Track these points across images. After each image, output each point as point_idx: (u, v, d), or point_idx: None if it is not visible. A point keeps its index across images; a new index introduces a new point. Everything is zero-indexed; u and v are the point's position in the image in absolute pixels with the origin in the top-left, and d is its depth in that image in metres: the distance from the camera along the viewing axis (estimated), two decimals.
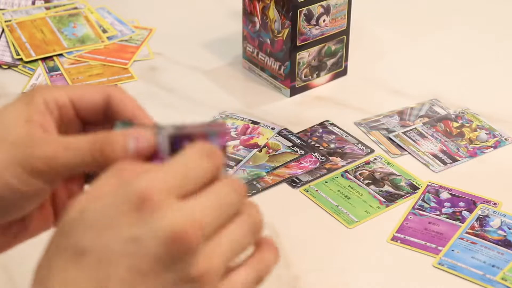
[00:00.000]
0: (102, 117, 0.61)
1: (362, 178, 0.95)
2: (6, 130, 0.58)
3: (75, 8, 1.24)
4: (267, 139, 1.00)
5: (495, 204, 0.91)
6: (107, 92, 0.61)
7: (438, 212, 0.90)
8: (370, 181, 0.94)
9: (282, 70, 1.07)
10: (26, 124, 0.58)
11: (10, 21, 1.20)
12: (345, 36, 1.09)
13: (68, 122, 0.61)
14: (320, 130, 1.02)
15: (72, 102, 0.60)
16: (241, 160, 0.97)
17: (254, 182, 0.94)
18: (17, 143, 0.57)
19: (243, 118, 1.03)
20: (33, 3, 1.25)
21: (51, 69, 1.12)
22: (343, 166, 0.97)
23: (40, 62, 1.14)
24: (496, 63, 1.16)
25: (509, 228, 0.87)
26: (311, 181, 0.94)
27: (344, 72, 1.12)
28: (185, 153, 0.53)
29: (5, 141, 0.57)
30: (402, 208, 0.91)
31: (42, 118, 0.59)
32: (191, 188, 0.52)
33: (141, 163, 0.55)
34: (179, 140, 0.57)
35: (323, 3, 1.04)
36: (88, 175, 0.63)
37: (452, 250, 0.85)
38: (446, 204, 0.91)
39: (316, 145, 1.00)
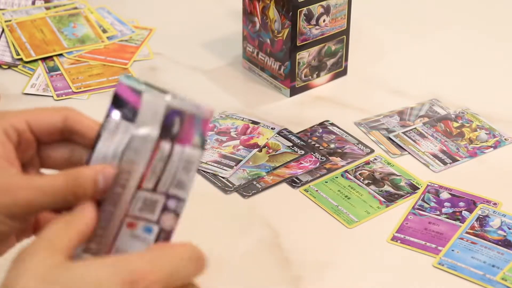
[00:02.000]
0: (58, 137, 0.66)
1: (362, 178, 0.95)
2: None
3: (75, 8, 1.24)
4: (267, 139, 1.00)
5: (495, 204, 0.91)
6: (65, 113, 0.65)
7: (438, 212, 0.90)
8: (370, 181, 0.94)
9: (282, 70, 1.07)
10: None
11: (10, 21, 1.20)
12: (345, 36, 1.09)
13: (26, 145, 0.64)
14: (320, 130, 1.02)
15: (30, 125, 0.64)
16: (241, 160, 0.97)
17: (254, 182, 0.94)
18: None
19: (243, 118, 1.03)
20: (33, 3, 1.25)
21: (51, 69, 1.12)
22: (343, 166, 0.97)
23: (40, 62, 1.14)
24: (496, 63, 1.16)
25: (509, 228, 0.87)
26: (311, 181, 0.94)
27: (344, 72, 1.12)
28: (178, 251, 0.59)
29: None
30: (402, 208, 0.91)
31: (3, 149, 0.62)
32: (172, 286, 0.57)
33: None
34: (171, 113, 0.60)
35: (323, 3, 1.04)
36: None
37: (452, 250, 0.85)
38: (446, 204, 0.91)
39: (316, 145, 1.00)
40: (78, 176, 0.61)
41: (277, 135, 1.01)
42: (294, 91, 1.08)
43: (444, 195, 0.92)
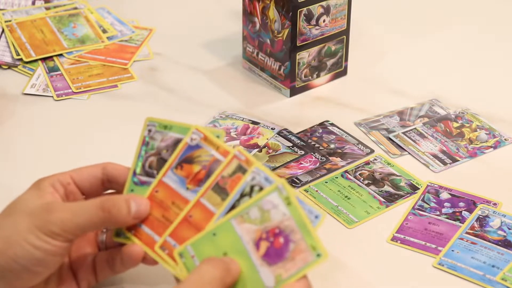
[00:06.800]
0: (100, 188, 0.76)
1: (362, 179, 0.95)
2: (23, 206, 0.71)
3: (75, 8, 1.24)
4: (267, 139, 1.00)
5: (495, 204, 0.91)
6: (103, 165, 0.76)
7: (438, 212, 0.90)
8: (370, 181, 0.94)
9: (282, 70, 1.07)
10: (39, 198, 0.71)
11: (10, 21, 1.20)
12: (345, 36, 1.09)
13: (73, 196, 0.75)
14: (320, 130, 1.02)
15: (73, 179, 0.75)
16: None
17: None
18: (35, 212, 0.69)
19: (243, 118, 1.03)
20: (33, 3, 1.25)
21: (51, 69, 1.12)
22: (343, 166, 0.97)
23: (40, 62, 1.14)
24: (496, 63, 1.16)
25: (509, 228, 0.87)
26: (311, 181, 0.94)
27: (344, 72, 1.12)
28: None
29: (23, 214, 0.70)
30: (402, 208, 0.91)
31: (51, 196, 0.72)
32: None
33: None
34: None
35: (323, 3, 1.04)
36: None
37: (452, 251, 0.85)
38: (446, 204, 0.91)
39: (316, 145, 1.00)
40: (113, 197, 0.71)
41: (277, 135, 1.01)
42: (294, 91, 1.08)
43: (444, 195, 0.92)
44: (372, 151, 0.99)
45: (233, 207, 0.70)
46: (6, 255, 0.68)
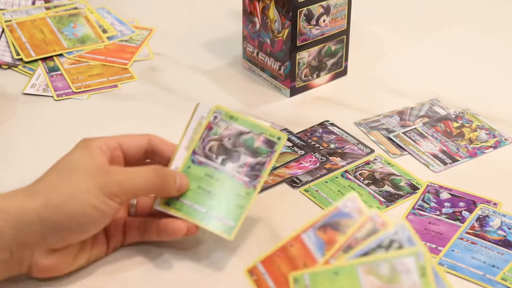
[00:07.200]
0: (142, 157, 0.81)
1: (362, 178, 0.95)
2: (79, 166, 0.75)
3: (75, 8, 1.24)
4: None
5: (495, 204, 0.91)
6: (148, 136, 0.81)
7: (438, 212, 0.90)
8: (370, 181, 0.94)
9: (282, 70, 1.07)
10: (91, 159, 0.75)
11: (10, 21, 1.20)
12: (345, 36, 1.09)
13: (117, 161, 0.79)
14: (320, 130, 1.02)
15: (120, 144, 0.79)
16: None
17: None
18: (94, 173, 0.74)
19: None
20: (33, 3, 1.25)
21: (51, 69, 1.12)
22: (343, 166, 0.97)
23: (40, 62, 1.14)
24: (496, 63, 1.16)
25: (509, 228, 0.87)
26: (311, 181, 0.94)
27: (344, 72, 1.12)
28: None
29: (81, 173, 0.74)
30: (402, 208, 0.91)
31: (99, 158, 0.76)
32: None
33: None
34: None
35: (323, 3, 1.04)
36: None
37: (452, 250, 0.85)
38: (446, 204, 0.91)
39: (316, 145, 1.00)
40: (164, 168, 0.78)
41: None
42: (294, 91, 1.08)
43: (444, 195, 0.92)
44: (372, 151, 0.99)
45: (365, 254, 0.67)
46: (65, 212, 0.72)
